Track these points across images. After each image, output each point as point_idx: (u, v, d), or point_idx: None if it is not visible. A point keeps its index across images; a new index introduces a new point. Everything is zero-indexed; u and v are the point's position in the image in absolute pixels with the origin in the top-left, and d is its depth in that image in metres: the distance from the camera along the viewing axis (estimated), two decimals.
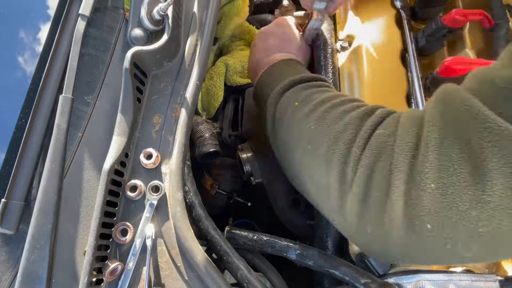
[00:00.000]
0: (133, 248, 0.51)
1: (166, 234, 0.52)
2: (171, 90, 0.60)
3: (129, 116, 0.54)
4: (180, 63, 0.61)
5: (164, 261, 0.52)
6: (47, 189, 0.50)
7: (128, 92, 0.54)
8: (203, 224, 0.58)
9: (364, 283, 0.54)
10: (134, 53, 0.54)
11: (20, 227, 0.52)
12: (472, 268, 0.60)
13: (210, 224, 0.58)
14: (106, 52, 0.61)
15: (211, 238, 0.57)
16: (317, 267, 0.58)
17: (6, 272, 0.52)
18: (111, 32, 0.62)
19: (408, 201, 0.36)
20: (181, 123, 0.57)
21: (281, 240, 0.61)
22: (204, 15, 0.63)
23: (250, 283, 0.54)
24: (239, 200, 0.98)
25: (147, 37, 0.60)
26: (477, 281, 0.52)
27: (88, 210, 0.53)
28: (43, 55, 0.59)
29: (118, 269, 0.50)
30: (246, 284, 0.54)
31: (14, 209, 0.52)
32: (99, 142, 0.56)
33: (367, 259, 0.57)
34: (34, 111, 0.55)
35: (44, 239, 0.48)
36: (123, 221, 0.53)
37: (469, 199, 0.33)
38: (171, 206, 0.53)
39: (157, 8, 0.57)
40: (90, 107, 0.58)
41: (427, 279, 0.53)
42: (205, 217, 0.58)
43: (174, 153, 0.55)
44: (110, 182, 0.51)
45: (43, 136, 0.55)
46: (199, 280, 0.51)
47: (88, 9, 0.59)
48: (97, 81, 0.59)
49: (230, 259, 0.55)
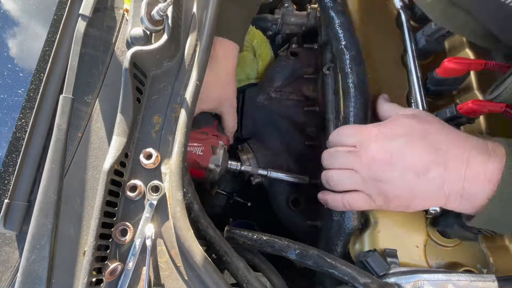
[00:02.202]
0: (133, 248, 0.51)
1: (166, 234, 0.53)
2: (171, 90, 0.60)
3: (129, 116, 0.54)
4: (180, 63, 0.61)
5: (164, 261, 0.52)
6: (47, 189, 0.50)
7: (128, 92, 0.54)
8: (202, 225, 0.58)
9: (363, 283, 0.54)
10: (134, 53, 0.54)
11: (22, 228, 0.52)
12: (471, 268, 0.60)
13: (209, 224, 0.58)
14: (106, 52, 0.61)
15: (210, 239, 0.57)
16: (317, 267, 0.58)
17: (6, 272, 0.52)
18: (111, 32, 0.63)
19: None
20: (181, 123, 0.57)
21: (280, 239, 0.61)
22: (204, 15, 0.63)
23: (250, 283, 0.54)
24: (239, 200, 0.98)
25: (147, 37, 0.60)
26: (476, 281, 0.52)
27: (88, 210, 0.53)
28: (43, 55, 0.59)
29: (118, 269, 0.50)
30: (245, 284, 0.54)
31: (17, 209, 0.52)
32: (99, 142, 0.56)
33: (366, 259, 0.57)
34: (36, 112, 0.55)
35: (44, 239, 0.48)
36: (123, 221, 0.53)
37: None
38: (171, 206, 0.53)
39: (157, 8, 0.57)
40: (90, 107, 0.58)
41: (425, 279, 0.53)
42: (204, 218, 0.58)
43: (174, 153, 0.55)
44: (110, 182, 0.51)
45: (45, 137, 0.55)
46: (199, 280, 0.51)
47: (89, 9, 0.59)
48: (97, 81, 0.59)
49: (230, 259, 0.56)
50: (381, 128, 0.57)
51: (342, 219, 0.65)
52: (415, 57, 0.70)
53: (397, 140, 0.54)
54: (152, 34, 0.61)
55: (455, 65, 0.62)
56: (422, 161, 0.51)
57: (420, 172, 0.51)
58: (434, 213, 0.62)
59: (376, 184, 0.55)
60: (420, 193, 0.52)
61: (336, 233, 0.66)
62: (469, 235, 0.58)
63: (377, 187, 0.56)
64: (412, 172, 0.52)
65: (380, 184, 0.55)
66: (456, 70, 0.63)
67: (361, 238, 0.64)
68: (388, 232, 0.62)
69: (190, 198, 0.58)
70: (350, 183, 0.59)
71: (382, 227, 0.63)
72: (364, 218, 0.65)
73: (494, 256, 0.61)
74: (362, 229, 0.65)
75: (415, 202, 0.54)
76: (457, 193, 0.50)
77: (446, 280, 0.53)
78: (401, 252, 0.60)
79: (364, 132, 0.58)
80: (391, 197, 0.55)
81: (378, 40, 0.75)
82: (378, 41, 0.75)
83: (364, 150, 0.56)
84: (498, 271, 0.60)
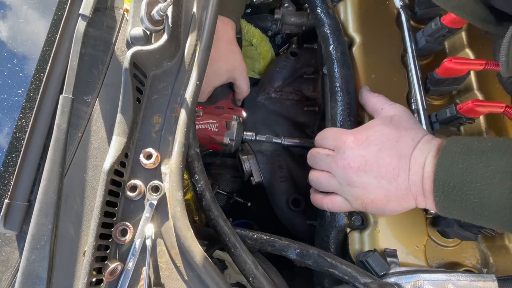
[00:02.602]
0: (133, 248, 0.51)
1: (166, 234, 0.52)
2: (171, 90, 0.60)
3: (129, 116, 0.54)
4: (180, 63, 0.61)
5: (164, 261, 0.52)
6: (47, 189, 0.50)
7: (128, 92, 0.54)
8: (213, 214, 0.57)
9: (363, 283, 0.54)
10: (134, 53, 0.54)
11: (22, 228, 0.52)
12: (472, 268, 0.60)
13: (220, 214, 0.58)
14: (106, 52, 0.61)
15: (220, 229, 0.57)
16: (317, 267, 0.59)
17: (6, 272, 0.52)
18: (111, 32, 0.63)
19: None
20: (180, 123, 0.57)
21: (281, 239, 0.61)
22: (204, 15, 0.63)
23: (256, 277, 0.54)
24: (239, 200, 0.98)
25: (147, 37, 0.60)
26: (476, 281, 0.53)
27: (88, 210, 0.53)
28: (43, 55, 0.59)
29: (118, 269, 0.50)
30: (252, 278, 0.54)
31: (17, 209, 0.52)
32: (99, 142, 0.56)
33: (366, 259, 0.57)
34: (36, 112, 0.55)
35: (44, 239, 0.48)
36: (123, 221, 0.53)
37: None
38: (171, 206, 0.53)
39: (157, 8, 0.57)
40: (90, 107, 0.58)
41: (426, 279, 0.53)
42: (216, 207, 0.58)
43: (174, 153, 0.55)
44: (110, 182, 0.51)
45: (45, 137, 0.55)
46: (199, 280, 0.51)
47: (89, 9, 0.59)
48: (97, 81, 0.59)
49: (238, 252, 0.55)
50: (357, 135, 0.59)
51: (333, 216, 0.66)
52: (415, 57, 0.70)
53: (370, 148, 0.57)
54: (152, 34, 0.61)
55: (455, 65, 0.62)
56: (393, 167, 0.54)
57: (391, 178, 0.54)
58: (434, 213, 0.62)
59: (352, 190, 0.58)
60: (394, 197, 0.55)
61: (328, 230, 0.67)
62: (469, 235, 0.58)
63: (353, 192, 0.58)
64: (386, 178, 0.55)
65: (356, 190, 0.58)
66: (456, 70, 0.63)
67: (361, 238, 0.64)
68: (388, 232, 0.62)
69: (203, 186, 0.58)
70: (328, 186, 0.63)
71: (382, 227, 0.63)
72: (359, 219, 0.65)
73: (494, 256, 0.61)
74: (362, 228, 0.65)
75: (390, 206, 0.56)
76: (420, 194, 0.53)
77: (446, 280, 0.53)
78: (401, 252, 0.60)
79: (342, 138, 0.60)
80: (367, 202, 0.58)
81: (378, 40, 0.75)
82: (378, 41, 0.75)
83: (340, 156, 0.59)
84: (498, 271, 0.60)
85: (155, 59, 0.58)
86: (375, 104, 0.64)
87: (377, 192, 0.56)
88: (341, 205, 0.62)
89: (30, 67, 0.59)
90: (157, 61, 0.59)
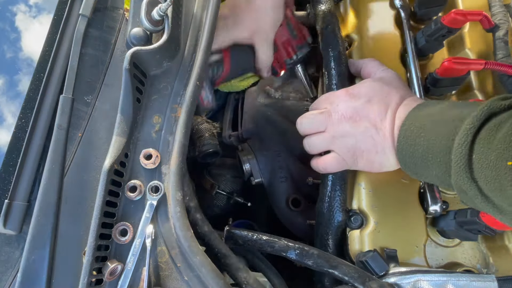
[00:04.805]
0: (133, 248, 0.51)
1: (166, 234, 0.53)
2: (171, 90, 0.60)
3: (129, 116, 0.54)
4: (180, 63, 0.61)
5: (164, 261, 0.52)
6: (47, 189, 0.50)
7: (128, 92, 0.54)
8: (200, 228, 0.58)
9: (363, 283, 0.54)
10: (134, 53, 0.54)
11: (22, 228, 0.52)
12: (472, 268, 0.60)
13: (207, 227, 0.58)
14: (106, 52, 0.61)
15: (208, 241, 0.57)
16: (317, 267, 0.58)
17: (6, 272, 0.52)
18: (111, 32, 0.63)
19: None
20: (180, 123, 0.57)
21: (280, 239, 0.61)
22: (204, 15, 0.63)
23: (249, 284, 0.54)
24: (239, 200, 0.98)
25: (147, 37, 0.60)
26: (476, 281, 0.53)
27: (88, 210, 0.53)
28: (43, 55, 0.59)
29: (118, 269, 0.50)
30: (245, 285, 0.54)
31: (17, 209, 0.52)
32: (99, 142, 0.56)
33: (366, 259, 0.57)
34: (36, 112, 0.55)
35: (44, 239, 0.48)
36: (123, 221, 0.53)
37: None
38: (171, 206, 0.53)
39: (157, 8, 0.57)
40: (90, 107, 0.58)
41: (425, 279, 0.53)
42: (202, 220, 0.58)
43: (174, 153, 0.55)
44: (109, 182, 0.51)
45: (45, 137, 0.55)
46: (199, 280, 0.51)
47: (89, 9, 0.59)
48: (97, 81, 0.59)
49: (229, 261, 0.56)
50: (349, 90, 0.63)
51: (330, 213, 0.66)
52: (415, 57, 0.70)
53: (361, 99, 0.60)
54: (152, 34, 0.61)
55: (455, 65, 0.62)
56: (380, 118, 0.58)
57: (378, 128, 0.58)
58: (434, 213, 0.62)
59: (345, 140, 0.61)
60: (381, 149, 0.59)
61: (326, 228, 0.67)
62: (469, 235, 0.58)
63: (346, 143, 0.61)
64: (374, 128, 0.58)
65: (349, 140, 0.61)
66: (456, 70, 0.63)
67: (361, 238, 0.64)
68: (388, 232, 0.62)
69: (188, 201, 0.58)
70: (322, 142, 0.65)
71: (382, 227, 0.63)
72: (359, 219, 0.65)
73: (494, 256, 0.61)
74: (362, 229, 0.65)
75: (378, 158, 0.59)
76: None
77: (446, 280, 0.53)
78: (401, 252, 0.60)
79: (335, 94, 0.64)
80: (358, 153, 0.61)
81: (378, 40, 0.75)
82: (377, 41, 0.75)
83: (334, 108, 0.62)
84: (498, 271, 0.60)
85: (155, 59, 0.58)
86: (370, 69, 0.67)
87: (367, 141, 0.59)
88: (335, 163, 0.63)
89: (30, 67, 0.60)
90: (157, 61, 0.59)
